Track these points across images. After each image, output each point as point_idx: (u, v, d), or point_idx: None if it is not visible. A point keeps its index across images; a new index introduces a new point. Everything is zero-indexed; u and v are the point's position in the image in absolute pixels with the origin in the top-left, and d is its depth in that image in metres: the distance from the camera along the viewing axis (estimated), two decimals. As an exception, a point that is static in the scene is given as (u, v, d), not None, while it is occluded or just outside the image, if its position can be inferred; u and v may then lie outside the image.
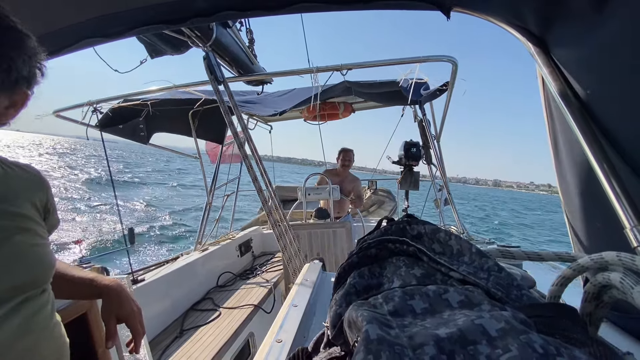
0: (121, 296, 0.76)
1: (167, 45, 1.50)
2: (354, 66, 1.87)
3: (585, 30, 0.58)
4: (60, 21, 0.94)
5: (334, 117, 3.49)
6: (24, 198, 0.61)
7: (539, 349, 0.24)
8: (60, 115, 2.29)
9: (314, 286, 0.84)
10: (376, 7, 0.85)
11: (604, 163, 0.57)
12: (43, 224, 0.64)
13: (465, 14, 0.82)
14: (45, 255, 0.60)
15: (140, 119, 2.67)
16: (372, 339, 0.28)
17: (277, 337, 0.57)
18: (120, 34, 1.02)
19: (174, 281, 2.12)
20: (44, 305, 0.60)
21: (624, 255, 0.38)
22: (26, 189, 0.62)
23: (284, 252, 1.80)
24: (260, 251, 3.47)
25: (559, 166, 0.85)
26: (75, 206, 11.33)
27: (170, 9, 0.94)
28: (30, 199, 0.62)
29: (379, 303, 0.38)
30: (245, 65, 1.91)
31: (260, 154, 1.87)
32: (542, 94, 0.82)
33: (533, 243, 15.28)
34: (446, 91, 2.33)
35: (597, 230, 0.73)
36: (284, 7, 0.88)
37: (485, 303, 0.34)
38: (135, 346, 0.77)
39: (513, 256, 0.66)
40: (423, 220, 0.60)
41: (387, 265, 0.52)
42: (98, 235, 8.22)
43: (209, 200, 2.99)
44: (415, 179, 2.98)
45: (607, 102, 0.58)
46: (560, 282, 0.46)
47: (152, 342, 1.78)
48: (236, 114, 1.85)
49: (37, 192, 0.65)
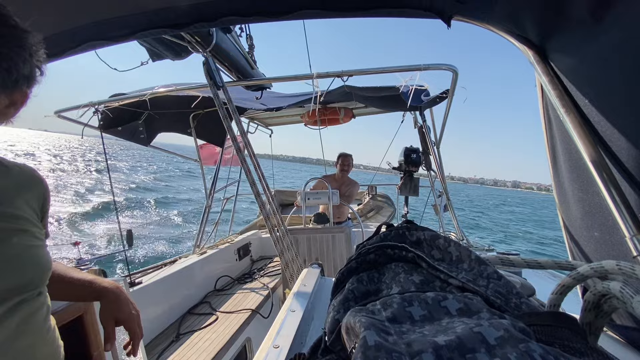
0: (120, 299, 0.76)
1: (168, 51, 1.52)
2: (355, 73, 1.88)
3: (584, 40, 0.58)
4: (63, 24, 0.95)
5: (335, 122, 3.50)
6: (20, 199, 0.60)
7: (538, 358, 0.24)
8: (61, 116, 2.30)
9: (312, 291, 0.83)
10: (377, 14, 0.86)
11: (603, 172, 0.57)
12: (40, 225, 0.64)
13: (465, 22, 0.83)
14: (42, 257, 0.60)
15: (141, 121, 2.68)
16: (370, 346, 0.28)
17: (274, 343, 0.57)
18: (122, 38, 1.03)
19: (171, 284, 2.11)
20: (40, 308, 0.60)
21: (624, 264, 0.38)
22: (23, 190, 0.62)
23: (282, 257, 1.79)
24: (259, 255, 3.45)
25: (557, 174, 0.85)
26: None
27: (174, 14, 0.95)
28: (27, 200, 0.62)
29: (377, 309, 0.37)
30: (244, 71, 1.92)
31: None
32: (541, 102, 0.82)
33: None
34: (446, 99, 2.35)
35: (594, 239, 0.73)
36: (285, 13, 0.89)
37: (484, 311, 0.34)
38: (133, 349, 0.76)
39: (512, 264, 0.66)
40: (422, 227, 0.60)
41: (385, 271, 0.52)
42: (95, 237, 8.18)
43: (208, 203, 2.98)
44: (414, 184, 2.98)
45: (605, 111, 0.58)
46: (559, 290, 0.46)
47: (148, 345, 1.76)
48: (235, 119, 1.85)
49: (34, 192, 0.64)
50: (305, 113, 3.35)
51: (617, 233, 0.59)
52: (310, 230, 2.74)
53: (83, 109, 2.22)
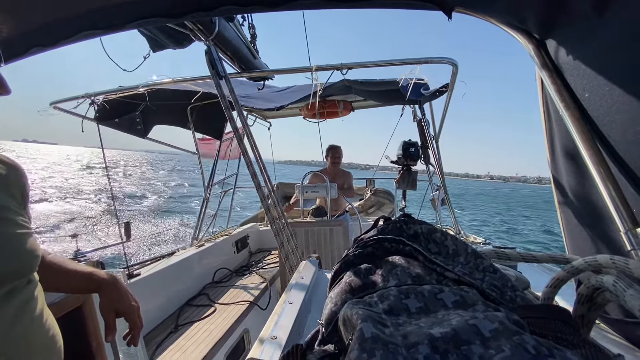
0: (120, 291, 0.76)
1: (170, 39, 1.49)
2: (354, 65, 1.87)
3: (585, 34, 0.58)
4: (59, 12, 0.93)
5: (334, 115, 3.48)
6: (2, 188, 0.60)
7: (531, 350, 0.24)
8: (58, 107, 2.28)
9: (309, 283, 0.84)
10: (377, 5, 0.85)
11: (600, 167, 0.58)
12: (23, 212, 0.63)
13: (466, 14, 0.82)
14: (27, 244, 0.59)
15: (137, 112, 2.66)
16: (367, 337, 0.28)
17: (272, 334, 0.58)
18: (120, 26, 1.01)
19: (169, 276, 2.12)
20: (32, 296, 0.59)
21: (617, 259, 0.38)
22: (5, 180, 0.62)
23: (282, 248, 1.80)
24: (257, 248, 3.47)
25: (555, 168, 0.86)
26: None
27: (171, 2, 0.94)
28: (8, 189, 0.61)
29: (374, 302, 0.38)
30: (247, 61, 1.90)
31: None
32: (541, 96, 0.82)
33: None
34: (446, 92, 2.34)
35: (591, 233, 0.73)
36: (284, 3, 0.88)
37: (479, 303, 0.35)
38: (133, 340, 0.77)
39: (508, 257, 0.67)
40: (420, 220, 0.61)
41: (383, 264, 0.52)
42: (94, 228, 8.17)
43: (206, 195, 2.98)
44: (413, 178, 2.98)
45: (604, 105, 0.58)
46: (554, 284, 0.47)
47: (146, 337, 1.78)
48: (237, 109, 1.84)
49: (14, 181, 0.64)
50: (304, 106, 3.33)
51: (612, 227, 0.59)
52: (308, 224, 2.74)
53: (79, 100, 2.20)
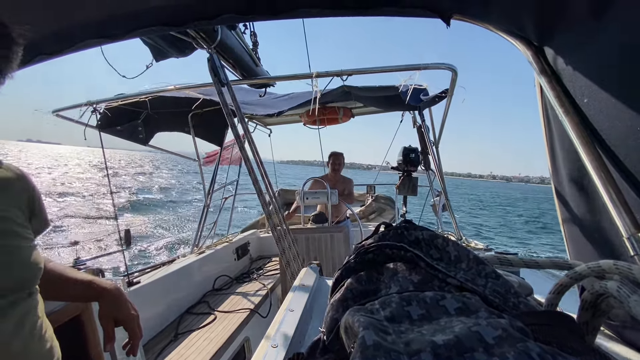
0: (120, 299, 0.76)
1: (172, 48, 1.51)
2: (354, 72, 1.88)
3: (583, 40, 0.59)
4: (63, 21, 0.94)
5: (334, 122, 3.50)
6: (6, 199, 0.59)
7: (535, 357, 0.24)
8: (60, 115, 2.29)
9: (310, 291, 0.83)
10: (377, 14, 0.86)
11: (601, 172, 0.58)
12: (28, 225, 0.62)
13: (465, 22, 0.83)
14: (31, 257, 0.59)
15: (139, 120, 2.67)
16: (369, 345, 0.28)
17: (273, 342, 0.57)
18: (123, 35, 1.03)
19: (169, 284, 2.10)
20: (33, 309, 0.59)
21: (621, 264, 0.38)
22: (8, 190, 0.61)
23: (283, 255, 1.79)
24: (258, 255, 3.45)
25: (556, 173, 0.85)
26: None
27: (172, 11, 0.95)
28: (14, 200, 0.61)
29: (376, 309, 0.37)
30: (249, 68, 1.92)
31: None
32: (540, 102, 0.82)
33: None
34: (445, 98, 2.36)
35: (593, 239, 0.73)
36: (285, 11, 0.89)
37: (482, 310, 0.34)
38: (132, 349, 0.76)
39: (510, 263, 0.66)
40: (421, 226, 0.60)
41: (384, 271, 0.52)
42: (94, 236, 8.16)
43: (206, 202, 2.98)
44: (413, 184, 2.98)
45: (604, 110, 0.58)
46: (557, 290, 0.46)
47: (146, 345, 1.76)
48: (239, 116, 1.85)
49: (21, 192, 0.63)
50: (304, 113, 3.35)
51: (615, 233, 0.59)
52: (309, 230, 2.74)
53: (82, 108, 2.21)
